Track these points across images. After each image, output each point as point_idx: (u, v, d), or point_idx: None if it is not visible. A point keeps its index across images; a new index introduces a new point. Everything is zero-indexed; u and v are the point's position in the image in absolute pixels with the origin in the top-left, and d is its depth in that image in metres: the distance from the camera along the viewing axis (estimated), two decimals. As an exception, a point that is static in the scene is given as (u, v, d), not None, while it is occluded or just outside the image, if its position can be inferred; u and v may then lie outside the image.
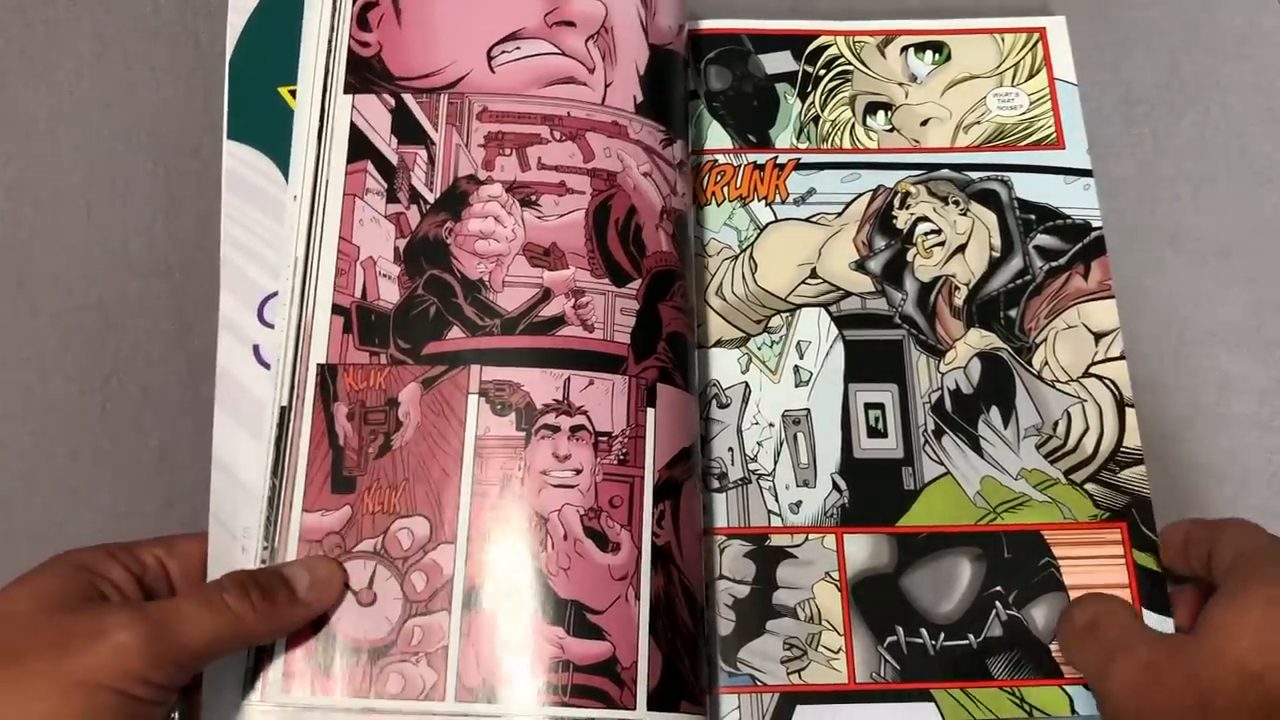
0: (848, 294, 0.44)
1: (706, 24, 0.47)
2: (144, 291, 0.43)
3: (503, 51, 0.41)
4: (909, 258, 0.45)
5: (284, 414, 0.37)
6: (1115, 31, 0.49)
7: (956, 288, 0.44)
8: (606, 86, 0.41)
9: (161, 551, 0.35)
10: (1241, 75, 0.48)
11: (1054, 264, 0.44)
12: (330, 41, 0.41)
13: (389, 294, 0.38)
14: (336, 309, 0.38)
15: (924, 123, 0.47)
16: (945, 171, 0.46)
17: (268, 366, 0.38)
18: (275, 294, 0.39)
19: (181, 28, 0.47)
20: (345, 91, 0.40)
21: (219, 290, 0.39)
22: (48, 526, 0.41)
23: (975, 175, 0.46)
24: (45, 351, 0.42)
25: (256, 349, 0.38)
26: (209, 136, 0.44)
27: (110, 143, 0.45)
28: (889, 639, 0.39)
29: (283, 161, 0.40)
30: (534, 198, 0.39)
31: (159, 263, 0.44)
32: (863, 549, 0.40)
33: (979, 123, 0.47)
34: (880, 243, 0.45)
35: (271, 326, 0.38)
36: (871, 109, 0.47)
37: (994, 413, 0.42)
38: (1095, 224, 0.45)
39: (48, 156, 0.45)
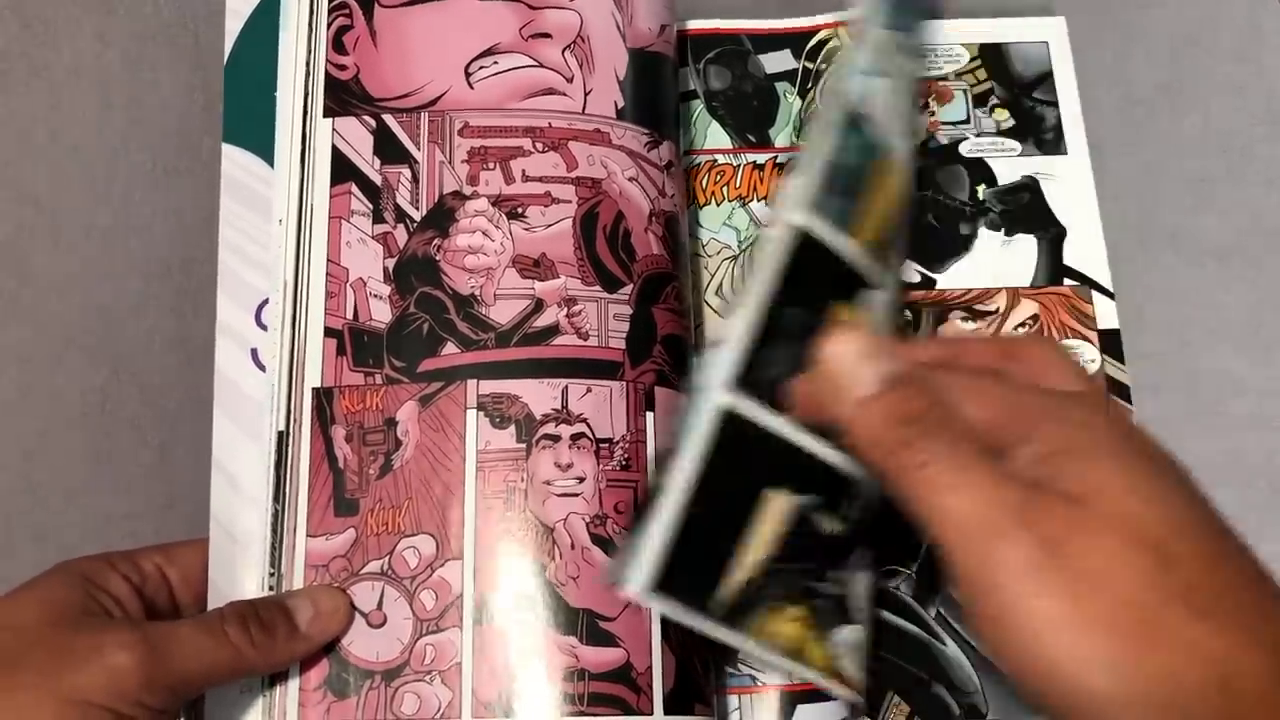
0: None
1: (706, 24, 0.47)
2: (144, 291, 0.43)
3: (480, 67, 0.40)
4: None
5: (282, 439, 0.37)
6: (1115, 31, 0.48)
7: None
8: (586, 94, 0.40)
9: (161, 559, 0.35)
10: (1241, 75, 0.48)
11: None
12: (308, 66, 0.41)
13: (381, 314, 0.38)
14: (329, 332, 0.38)
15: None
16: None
17: (265, 369, 0.38)
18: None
19: (181, 28, 0.47)
20: (325, 115, 0.40)
21: (216, 287, 0.39)
22: (48, 527, 0.41)
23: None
24: (45, 351, 0.43)
25: (254, 352, 0.38)
26: (209, 137, 0.44)
27: (110, 143, 0.45)
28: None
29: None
30: (520, 209, 0.39)
31: (159, 263, 0.44)
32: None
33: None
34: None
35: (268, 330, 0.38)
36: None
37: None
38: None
39: (48, 156, 0.45)
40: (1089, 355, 0.42)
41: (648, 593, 0.30)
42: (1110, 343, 0.43)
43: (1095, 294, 0.43)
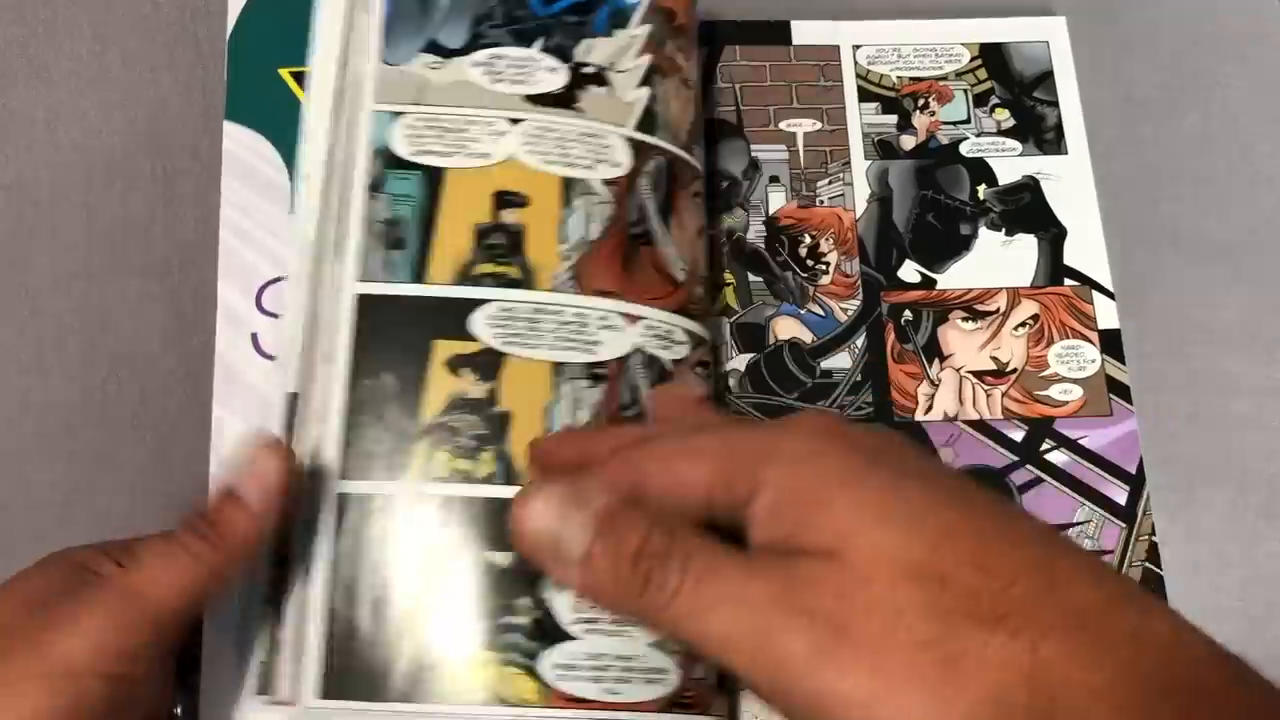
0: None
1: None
2: (144, 291, 0.43)
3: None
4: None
5: (293, 400, 0.36)
6: (1115, 31, 0.48)
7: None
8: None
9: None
10: (1241, 75, 0.48)
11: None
12: (348, 17, 0.40)
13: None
14: None
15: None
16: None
17: (266, 355, 0.38)
18: (274, 281, 0.39)
19: (181, 28, 0.47)
20: None
21: (217, 287, 0.39)
22: (46, 527, 0.40)
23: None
24: (45, 351, 0.42)
25: (255, 337, 0.38)
26: (208, 137, 0.43)
27: (110, 143, 0.45)
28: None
29: (282, 145, 0.40)
30: None
31: (159, 263, 0.44)
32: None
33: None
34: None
35: (270, 314, 0.38)
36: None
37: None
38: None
39: (48, 156, 0.45)
40: (1089, 355, 0.42)
41: (320, 703, 0.31)
42: (1110, 343, 0.43)
43: (1095, 294, 0.43)
